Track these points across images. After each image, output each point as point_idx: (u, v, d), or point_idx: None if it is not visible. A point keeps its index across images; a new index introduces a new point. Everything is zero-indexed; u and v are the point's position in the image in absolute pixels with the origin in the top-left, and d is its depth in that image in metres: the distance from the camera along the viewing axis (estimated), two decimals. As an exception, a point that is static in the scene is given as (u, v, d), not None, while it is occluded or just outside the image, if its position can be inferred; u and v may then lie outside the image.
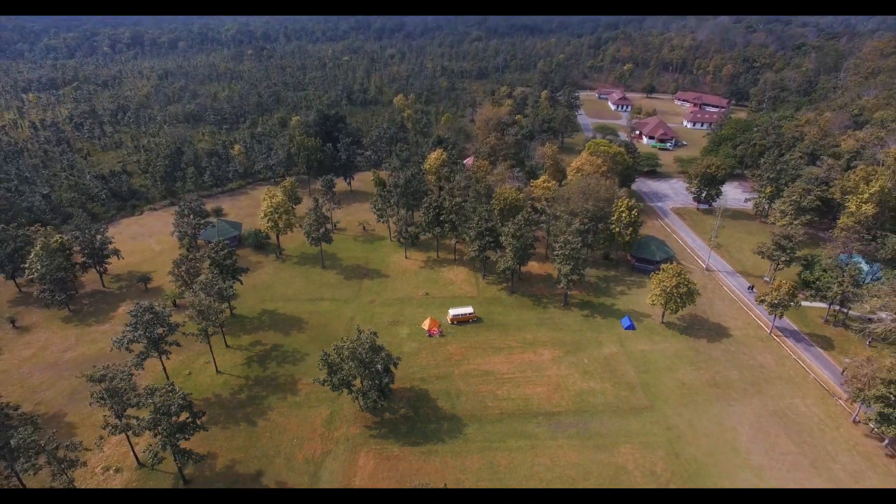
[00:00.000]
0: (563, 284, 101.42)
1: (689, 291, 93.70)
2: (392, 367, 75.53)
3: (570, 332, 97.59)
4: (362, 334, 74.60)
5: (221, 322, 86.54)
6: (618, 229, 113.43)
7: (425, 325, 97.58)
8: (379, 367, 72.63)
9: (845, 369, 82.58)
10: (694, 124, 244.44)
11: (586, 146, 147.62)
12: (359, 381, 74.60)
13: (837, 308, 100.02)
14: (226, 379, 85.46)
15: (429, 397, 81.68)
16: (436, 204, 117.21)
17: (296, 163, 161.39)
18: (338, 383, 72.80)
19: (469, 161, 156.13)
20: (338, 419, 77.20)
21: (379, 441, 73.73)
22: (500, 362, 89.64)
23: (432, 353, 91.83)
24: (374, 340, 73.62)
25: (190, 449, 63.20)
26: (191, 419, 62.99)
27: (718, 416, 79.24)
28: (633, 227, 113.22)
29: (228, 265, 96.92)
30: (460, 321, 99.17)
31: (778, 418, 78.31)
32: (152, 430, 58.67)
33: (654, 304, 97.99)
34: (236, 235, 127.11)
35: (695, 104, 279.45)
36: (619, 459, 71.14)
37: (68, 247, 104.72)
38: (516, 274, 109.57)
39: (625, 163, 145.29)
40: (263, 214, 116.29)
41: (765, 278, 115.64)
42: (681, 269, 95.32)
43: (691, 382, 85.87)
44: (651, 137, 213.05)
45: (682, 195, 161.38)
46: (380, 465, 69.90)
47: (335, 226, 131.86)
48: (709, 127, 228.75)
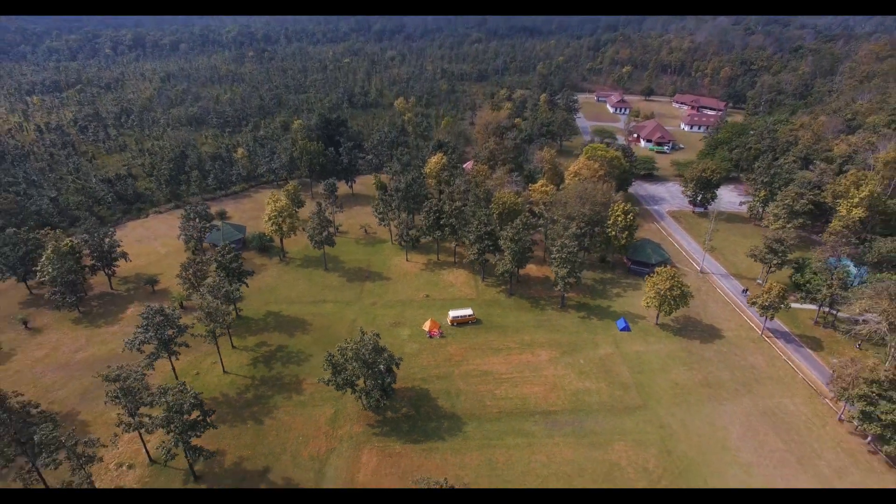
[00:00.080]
0: (560, 287, 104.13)
1: (683, 294, 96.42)
2: (394, 367, 78.15)
3: (566, 334, 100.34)
4: (365, 336, 77.28)
5: (228, 324, 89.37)
6: (614, 233, 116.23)
7: (426, 326, 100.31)
8: (381, 368, 75.31)
9: (834, 370, 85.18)
10: (691, 127, 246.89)
11: (584, 151, 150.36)
12: (362, 381, 77.29)
13: (827, 310, 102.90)
14: (232, 379, 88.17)
15: (429, 397, 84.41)
16: (436, 208, 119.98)
17: (298, 166, 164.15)
18: (342, 383, 75.63)
19: (469, 165, 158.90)
20: (342, 418, 79.93)
21: (381, 439, 76.44)
22: (499, 363, 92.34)
23: (433, 353, 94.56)
24: (376, 341, 76.31)
25: (200, 446, 65.96)
26: (201, 417, 65.69)
27: (710, 415, 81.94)
28: (629, 230, 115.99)
29: (234, 268, 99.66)
30: (460, 323, 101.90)
31: (767, 417, 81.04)
32: (166, 428, 61.43)
33: (648, 307, 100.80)
34: (241, 238, 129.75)
35: (692, 107, 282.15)
36: (613, 456, 73.84)
37: (78, 250, 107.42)
38: (515, 276, 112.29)
39: (621, 167, 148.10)
40: (268, 218, 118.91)
41: (758, 280, 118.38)
42: (674, 272, 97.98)
43: (684, 382, 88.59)
44: (648, 140, 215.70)
45: (679, 198, 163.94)
46: (382, 462, 72.61)
47: (337, 229, 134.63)
48: (706, 130, 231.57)
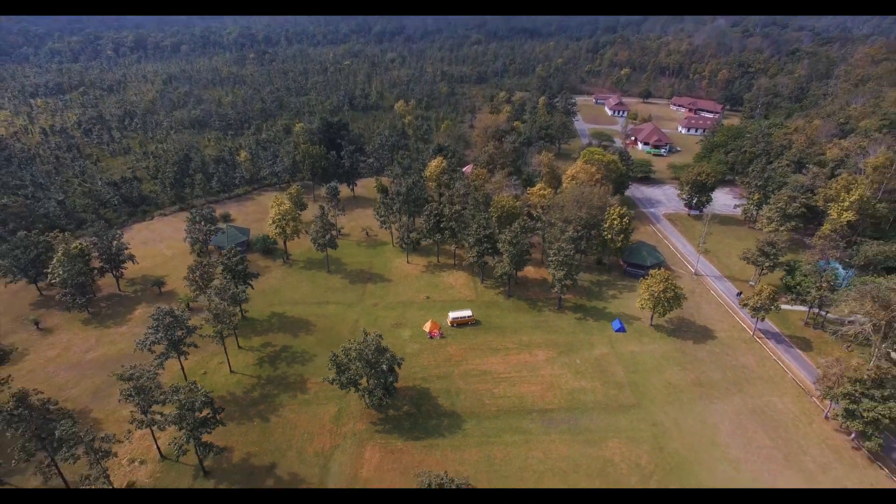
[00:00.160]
0: (557, 289, 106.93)
1: (676, 296, 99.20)
2: (396, 367, 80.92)
3: (563, 335, 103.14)
4: (368, 336, 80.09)
5: (234, 325, 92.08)
6: (610, 236, 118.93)
7: (426, 327, 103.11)
8: (384, 367, 78.08)
9: (821, 369, 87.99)
10: (688, 130, 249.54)
11: (581, 154, 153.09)
12: (365, 380, 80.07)
13: (816, 311, 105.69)
14: (239, 378, 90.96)
15: (430, 395, 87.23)
16: (436, 211, 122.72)
17: (301, 169, 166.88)
18: (346, 382, 78.43)
19: (468, 169, 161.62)
20: (345, 416, 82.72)
21: (384, 436, 79.25)
22: (497, 363, 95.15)
23: (433, 353, 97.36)
24: (379, 342, 79.12)
25: (211, 442, 68.70)
26: (211, 415, 68.45)
27: (701, 413, 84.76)
28: (625, 233, 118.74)
29: (240, 271, 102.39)
30: (460, 324, 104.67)
31: (756, 415, 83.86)
32: (178, 425, 64.17)
33: (643, 308, 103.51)
34: (245, 241, 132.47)
35: (690, 109, 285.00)
36: (607, 453, 76.67)
37: (87, 253, 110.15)
38: (513, 279, 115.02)
39: (618, 170, 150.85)
40: (272, 221, 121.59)
41: (750, 282, 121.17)
42: (668, 274, 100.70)
43: (677, 382, 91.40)
44: (646, 143, 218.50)
45: (675, 201, 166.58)
46: (385, 458, 75.42)
47: (339, 232, 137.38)
48: (702, 133, 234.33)
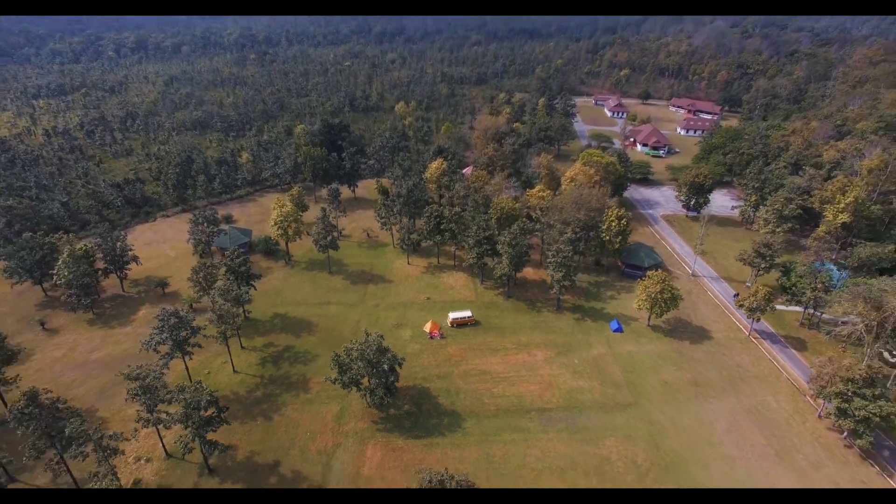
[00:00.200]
0: (556, 290, 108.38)
1: (673, 297, 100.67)
2: (397, 366, 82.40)
3: (561, 335, 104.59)
4: (370, 337, 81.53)
5: (238, 325, 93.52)
6: (608, 237, 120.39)
7: (427, 327, 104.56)
8: (385, 367, 79.54)
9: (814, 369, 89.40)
10: (687, 131, 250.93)
11: (580, 156, 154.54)
12: (366, 380, 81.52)
13: (811, 312, 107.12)
14: (242, 378, 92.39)
15: (430, 395, 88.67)
16: (436, 213, 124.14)
17: (302, 171, 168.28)
18: (348, 381, 79.88)
19: (468, 171, 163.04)
20: (347, 415, 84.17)
21: (385, 434, 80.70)
22: (497, 363, 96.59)
23: (433, 354, 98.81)
24: (380, 342, 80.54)
25: (216, 440, 70.12)
26: (216, 414, 69.90)
27: (697, 412, 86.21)
28: (623, 235, 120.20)
29: (243, 272, 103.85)
30: (459, 324, 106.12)
31: (751, 414, 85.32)
32: (184, 423, 65.61)
33: (640, 309, 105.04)
34: (247, 242, 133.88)
35: (689, 111, 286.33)
36: (604, 451, 78.12)
37: (92, 254, 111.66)
38: (512, 280, 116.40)
39: (617, 172, 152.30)
40: (274, 223, 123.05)
41: (746, 283, 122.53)
42: (665, 275, 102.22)
43: (673, 381, 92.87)
44: (645, 145, 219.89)
45: (673, 202, 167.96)
46: (386, 457, 76.86)
47: (341, 233, 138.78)
48: (701, 134, 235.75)
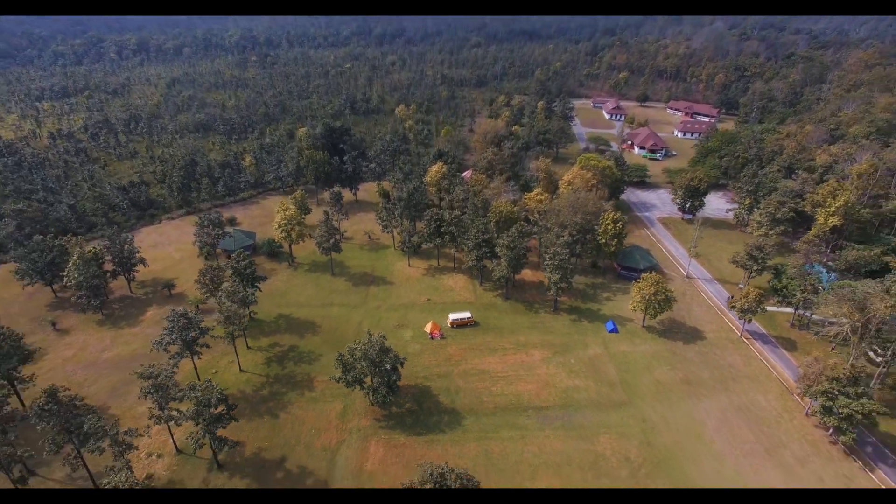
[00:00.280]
0: (553, 291, 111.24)
1: (667, 298, 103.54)
2: (399, 366, 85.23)
3: (558, 335, 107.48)
4: (373, 337, 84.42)
5: (244, 326, 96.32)
6: (604, 240, 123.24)
7: (427, 328, 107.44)
8: (387, 367, 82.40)
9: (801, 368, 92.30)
10: (684, 134, 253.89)
11: (578, 160, 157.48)
12: (369, 379, 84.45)
13: (801, 313, 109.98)
14: (248, 377, 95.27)
15: (431, 393, 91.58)
16: (437, 216, 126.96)
17: (304, 174, 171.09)
18: (351, 380, 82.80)
19: (468, 174, 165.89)
20: (350, 412, 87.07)
21: (387, 431, 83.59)
22: (495, 362, 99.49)
23: (434, 353, 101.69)
24: (383, 342, 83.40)
25: (225, 437, 72.97)
26: (226, 411, 72.72)
27: (689, 410, 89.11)
28: (618, 238, 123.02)
29: (248, 274, 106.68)
30: (459, 325, 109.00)
31: (741, 412, 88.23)
32: (195, 420, 68.44)
33: (635, 310, 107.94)
34: (251, 244, 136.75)
35: (686, 113, 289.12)
36: (599, 448, 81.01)
37: (101, 256, 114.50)
38: (510, 281, 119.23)
39: (613, 176, 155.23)
40: (278, 226, 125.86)
41: (739, 285, 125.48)
42: (659, 278, 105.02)
43: (666, 380, 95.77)
44: (642, 148, 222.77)
45: (669, 205, 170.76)
46: (388, 453, 79.74)
47: (343, 235, 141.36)
48: (698, 137, 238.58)
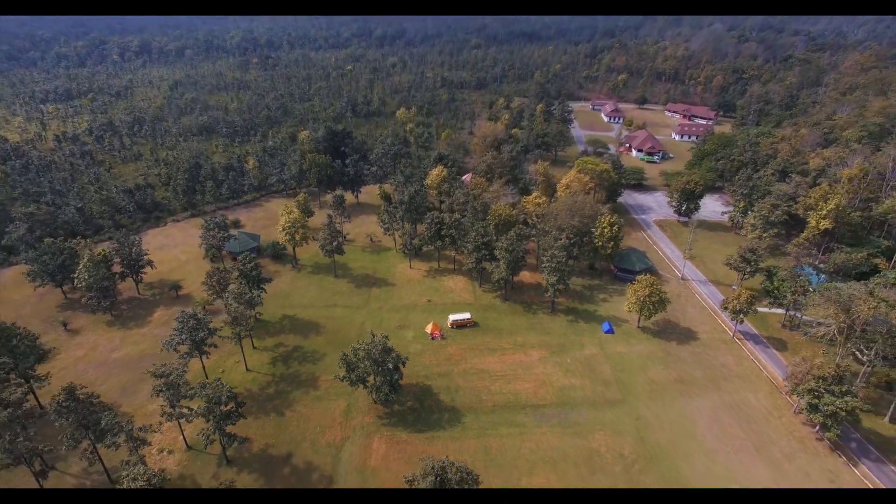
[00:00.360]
0: (551, 293, 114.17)
1: (661, 300, 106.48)
2: (401, 365, 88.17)
3: (555, 336, 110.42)
4: (375, 337, 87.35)
5: (250, 326, 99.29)
6: (601, 243, 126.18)
7: (428, 328, 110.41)
8: (390, 366, 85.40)
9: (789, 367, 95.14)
10: (682, 136, 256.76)
11: (575, 164, 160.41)
12: (372, 378, 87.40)
13: (793, 314, 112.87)
14: (255, 376, 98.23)
15: (432, 392, 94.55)
16: (437, 220, 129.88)
17: (307, 177, 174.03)
18: (355, 379, 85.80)
19: (467, 178, 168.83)
20: (354, 410, 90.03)
21: (390, 428, 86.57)
22: (494, 362, 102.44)
23: (434, 353, 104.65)
24: (385, 343, 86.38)
25: (234, 433, 75.91)
26: (235, 408, 75.64)
27: (681, 408, 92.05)
28: (615, 240, 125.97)
29: (254, 276, 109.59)
30: (459, 325, 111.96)
31: (731, 410, 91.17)
32: (206, 417, 71.39)
33: (630, 311, 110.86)
34: (256, 246, 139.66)
35: (684, 116, 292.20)
36: (594, 444, 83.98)
37: (110, 258, 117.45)
38: (509, 283, 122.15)
39: (611, 179, 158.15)
40: (282, 228, 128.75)
41: (733, 287, 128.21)
42: (653, 280, 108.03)
43: (660, 380, 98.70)
44: (640, 150, 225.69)
45: (665, 208, 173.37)
46: (391, 449, 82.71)
47: (345, 238, 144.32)
48: (695, 140, 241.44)
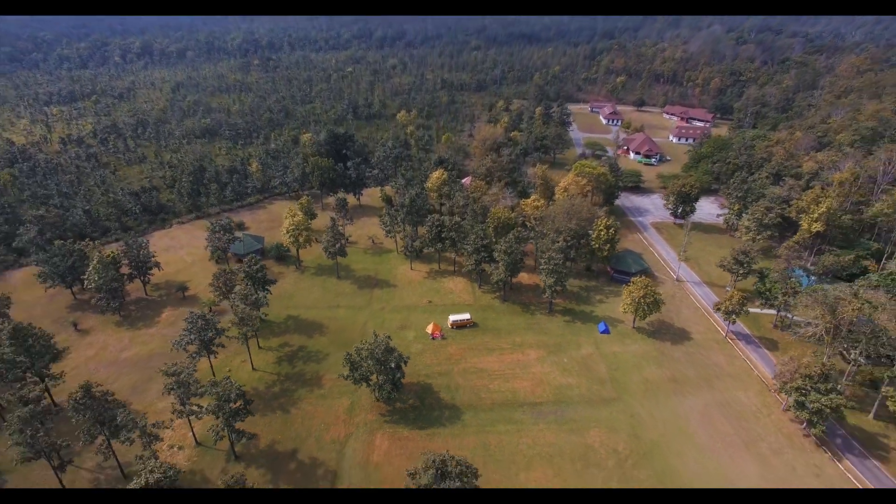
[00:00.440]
0: (548, 294, 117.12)
1: (655, 301, 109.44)
2: (402, 364, 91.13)
3: (553, 336, 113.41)
4: (378, 337, 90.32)
5: (256, 327, 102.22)
6: (597, 245, 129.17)
7: (429, 329, 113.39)
8: (392, 365, 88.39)
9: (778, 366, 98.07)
10: (679, 139, 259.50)
11: (573, 167, 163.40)
12: (375, 377, 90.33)
13: (784, 314, 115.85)
14: (260, 375, 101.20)
15: (432, 390, 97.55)
16: (438, 222, 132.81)
17: (310, 180, 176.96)
18: (358, 378, 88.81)
19: (467, 181, 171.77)
20: (357, 408, 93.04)
21: (392, 425, 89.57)
22: (493, 361, 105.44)
23: (435, 353, 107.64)
24: (388, 343, 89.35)
25: (242, 429, 78.88)
26: (243, 406, 78.62)
27: (674, 406, 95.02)
28: (611, 243, 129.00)
29: (259, 278, 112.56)
30: (459, 326, 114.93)
31: (722, 408, 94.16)
32: (216, 414, 74.35)
33: (626, 312, 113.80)
34: (260, 248, 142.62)
35: (682, 118, 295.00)
36: (589, 440, 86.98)
37: (118, 260, 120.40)
38: (508, 284, 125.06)
39: (608, 182, 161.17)
40: (286, 231, 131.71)
41: (727, 288, 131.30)
42: (648, 281, 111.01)
43: (654, 378, 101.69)
44: (637, 153, 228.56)
45: (662, 210, 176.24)
46: (393, 445, 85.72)
47: (347, 240, 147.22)
48: (693, 142, 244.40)
